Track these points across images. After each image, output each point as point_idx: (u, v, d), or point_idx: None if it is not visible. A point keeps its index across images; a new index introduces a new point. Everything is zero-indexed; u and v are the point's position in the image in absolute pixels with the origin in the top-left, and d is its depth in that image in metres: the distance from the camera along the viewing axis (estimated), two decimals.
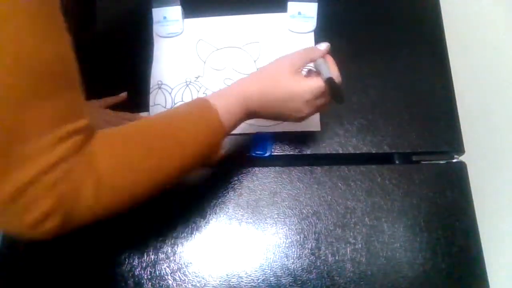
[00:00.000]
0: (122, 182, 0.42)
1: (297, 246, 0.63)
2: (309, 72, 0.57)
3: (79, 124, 0.39)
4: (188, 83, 0.73)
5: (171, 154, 0.46)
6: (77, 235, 0.64)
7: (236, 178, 0.67)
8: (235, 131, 0.68)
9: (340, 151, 0.68)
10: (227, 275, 0.62)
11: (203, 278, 0.62)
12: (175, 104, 0.71)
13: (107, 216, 0.42)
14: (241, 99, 0.53)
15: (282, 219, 0.65)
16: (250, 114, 0.55)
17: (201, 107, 0.51)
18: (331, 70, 0.54)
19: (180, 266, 0.63)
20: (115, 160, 0.41)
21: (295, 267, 0.62)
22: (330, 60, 0.56)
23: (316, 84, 0.52)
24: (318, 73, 0.54)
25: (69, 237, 0.64)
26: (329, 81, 0.51)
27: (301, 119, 0.56)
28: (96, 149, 0.40)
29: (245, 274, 0.62)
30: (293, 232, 0.64)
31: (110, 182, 0.40)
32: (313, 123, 0.69)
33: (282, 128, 0.69)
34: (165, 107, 0.71)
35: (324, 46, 0.56)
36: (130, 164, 0.42)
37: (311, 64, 0.56)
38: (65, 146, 0.37)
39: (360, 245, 0.63)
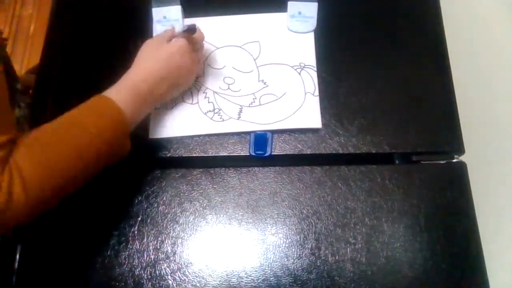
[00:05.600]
0: (45, 183, 0.48)
1: (297, 246, 0.63)
2: None
3: (1, 139, 0.46)
4: None
5: (79, 148, 0.52)
6: (77, 236, 0.65)
7: (236, 178, 0.67)
8: (233, 130, 0.69)
9: (340, 151, 0.68)
10: (227, 275, 0.62)
11: (203, 278, 0.62)
12: (175, 104, 0.71)
13: (38, 213, 0.50)
14: (130, 87, 0.60)
15: (282, 219, 0.65)
16: (147, 97, 0.61)
17: (94, 99, 0.57)
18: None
19: (180, 266, 0.63)
20: (36, 166, 0.48)
21: (295, 267, 0.62)
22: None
23: (176, 41, 0.64)
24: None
25: (69, 238, 0.65)
26: (184, 32, 0.65)
27: (188, 75, 0.66)
28: (18, 159, 0.47)
29: (245, 274, 0.62)
30: (293, 232, 0.64)
31: (35, 186, 0.47)
32: (314, 121, 0.69)
33: (282, 127, 0.69)
34: (166, 108, 0.71)
35: (170, 27, 0.68)
36: (49, 167, 0.49)
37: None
38: None
39: (360, 245, 0.63)
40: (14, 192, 0.45)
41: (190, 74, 0.68)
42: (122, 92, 0.59)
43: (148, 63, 0.63)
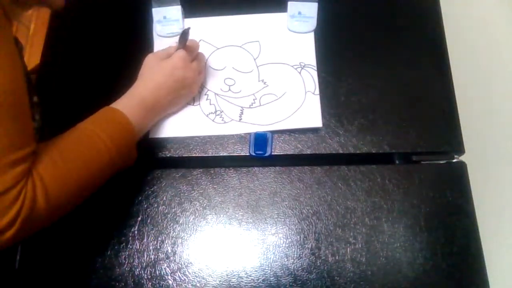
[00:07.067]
0: (64, 191, 0.51)
1: (297, 246, 0.63)
2: None
3: (25, 152, 0.48)
4: None
5: (95, 158, 0.55)
6: (77, 236, 0.65)
7: (236, 178, 0.67)
8: (235, 131, 0.69)
9: (340, 151, 0.68)
10: (227, 275, 0.62)
11: (203, 278, 0.62)
12: None
13: (56, 219, 0.53)
14: (137, 100, 0.63)
15: (282, 219, 0.65)
16: (153, 109, 0.65)
17: (102, 110, 0.60)
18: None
19: (180, 266, 0.63)
20: (57, 176, 0.51)
21: (295, 267, 0.62)
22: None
23: (176, 54, 0.66)
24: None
25: (69, 238, 0.64)
26: (179, 42, 0.66)
27: (193, 85, 0.68)
28: (41, 169, 0.49)
29: (245, 274, 0.62)
30: (293, 232, 0.64)
31: (56, 194, 0.50)
32: (315, 119, 0.69)
33: (283, 127, 0.69)
34: None
35: (173, 43, 0.69)
36: (68, 176, 0.52)
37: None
38: (16, 172, 0.46)
39: (360, 245, 0.63)
40: (38, 201, 0.48)
41: (194, 84, 0.69)
42: (129, 104, 0.62)
43: (154, 76, 0.65)
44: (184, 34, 0.65)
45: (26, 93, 0.51)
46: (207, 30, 0.76)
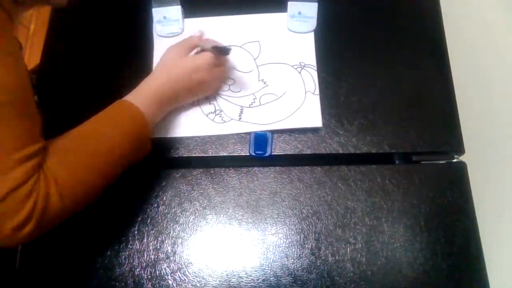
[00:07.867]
0: (77, 187, 0.51)
1: (297, 246, 0.63)
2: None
3: (35, 147, 0.48)
4: None
5: (106, 153, 0.55)
6: (77, 236, 0.65)
7: (236, 178, 0.67)
8: (235, 131, 0.69)
9: (340, 151, 0.68)
10: (227, 275, 0.62)
11: (203, 278, 0.62)
12: None
13: (70, 215, 0.52)
14: (152, 92, 0.62)
15: (282, 219, 0.65)
16: (169, 102, 0.65)
17: (115, 104, 0.60)
18: (210, 42, 0.68)
19: (180, 266, 0.63)
20: (70, 172, 0.51)
21: (295, 267, 0.62)
22: (206, 39, 0.69)
23: (203, 56, 0.65)
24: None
25: (69, 238, 0.64)
26: (214, 48, 0.65)
27: (208, 89, 0.69)
28: (52, 166, 0.49)
29: (245, 274, 0.62)
30: (293, 232, 0.64)
31: (69, 191, 0.50)
32: (315, 119, 0.69)
33: (283, 127, 0.69)
34: None
35: (198, 33, 0.69)
36: (81, 172, 0.52)
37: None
38: (26, 168, 0.46)
39: (360, 245, 0.63)
40: (51, 198, 0.48)
41: (210, 88, 0.70)
42: (143, 97, 0.61)
43: (173, 70, 0.64)
44: (224, 50, 0.65)
45: (31, 90, 0.51)
46: (207, 30, 0.76)
